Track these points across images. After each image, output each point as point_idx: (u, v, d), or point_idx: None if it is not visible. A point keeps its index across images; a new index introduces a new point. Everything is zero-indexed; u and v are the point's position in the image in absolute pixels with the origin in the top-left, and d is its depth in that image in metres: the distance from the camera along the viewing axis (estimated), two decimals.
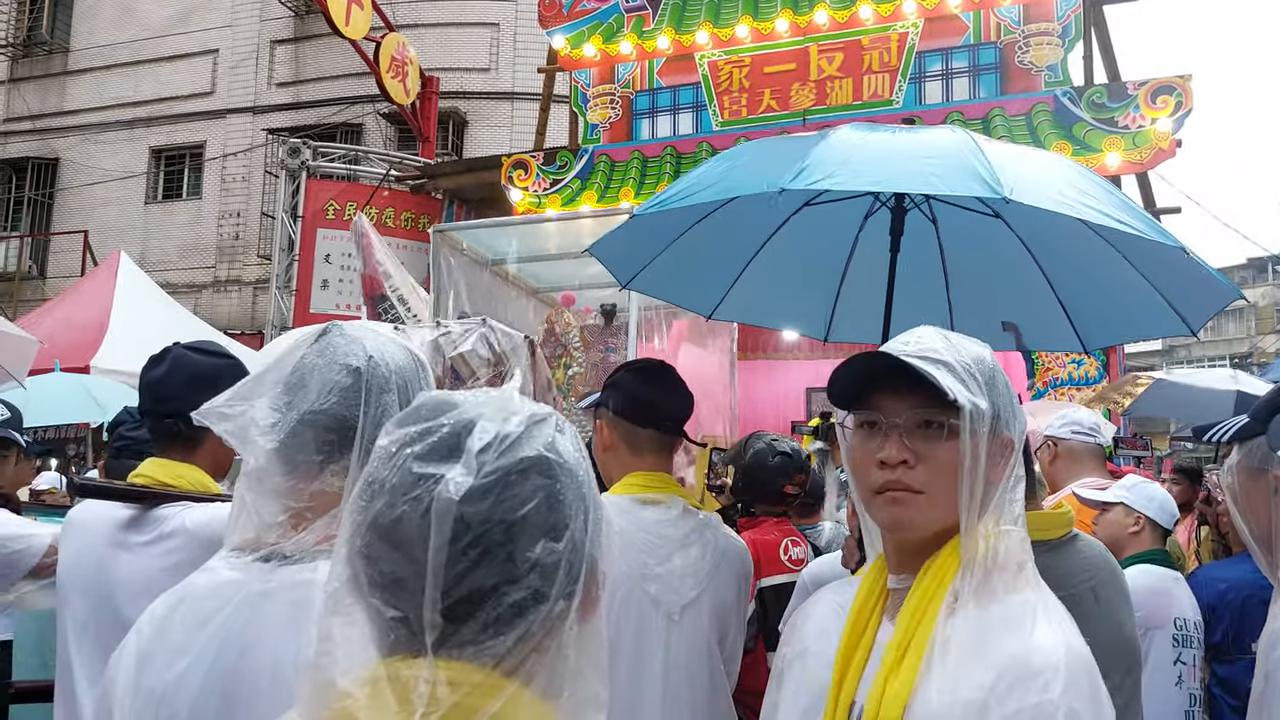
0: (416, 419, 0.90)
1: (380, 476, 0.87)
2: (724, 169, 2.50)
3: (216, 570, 1.36)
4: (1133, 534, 3.39)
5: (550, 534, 0.86)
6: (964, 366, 1.36)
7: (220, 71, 17.74)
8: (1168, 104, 7.45)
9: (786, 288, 3.35)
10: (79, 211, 18.11)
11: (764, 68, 9.13)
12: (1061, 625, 1.24)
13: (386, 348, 1.46)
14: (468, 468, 0.84)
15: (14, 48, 18.96)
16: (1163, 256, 2.45)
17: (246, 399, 1.40)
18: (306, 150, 12.35)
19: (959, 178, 2.11)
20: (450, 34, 16.29)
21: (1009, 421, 1.37)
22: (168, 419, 2.17)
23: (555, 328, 6.48)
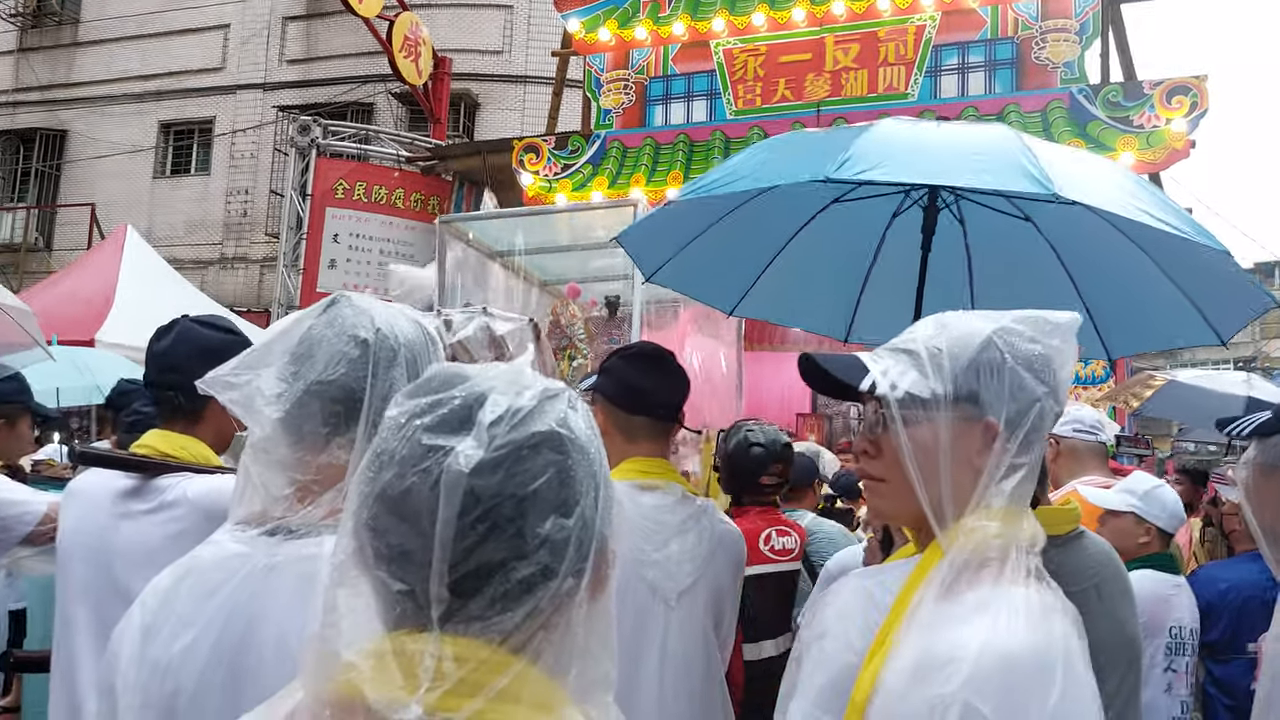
0: (427, 390, 0.88)
1: (389, 448, 0.86)
2: (763, 158, 2.48)
3: (222, 543, 1.34)
4: (1143, 544, 3.36)
5: (560, 510, 0.85)
6: (932, 353, 1.33)
7: (231, 46, 17.69)
8: (1183, 104, 7.41)
9: (809, 287, 3.34)
10: (86, 184, 18.09)
11: (779, 57, 9.09)
12: (996, 625, 1.18)
13: (396, 320, 1.45)
14: (478, 440, 0.83)
15: (23, 18, 18.91)
16: (1197, 262, 2.42)
17: (253, 368, 1.38)
18: (317, 128, 12.32)
19: (1007, 173, 2.09)
20: (463, 15, 16.23)
21: (993, 406, 1.30)
22: (171, 391, 2.18)
23: (560, 320, 6.47)
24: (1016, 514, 1.29)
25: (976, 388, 1.31)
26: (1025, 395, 1.31)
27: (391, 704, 0.78)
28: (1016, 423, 1.30)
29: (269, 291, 14.99)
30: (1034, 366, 1.32)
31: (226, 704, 1.24)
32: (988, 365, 1.31)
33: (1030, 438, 1.30)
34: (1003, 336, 1.33)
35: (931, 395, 1.30)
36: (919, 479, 1.30)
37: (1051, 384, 1.33)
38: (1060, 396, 1.35)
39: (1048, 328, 1.35)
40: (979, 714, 1.13)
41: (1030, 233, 2.81)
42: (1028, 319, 1.36)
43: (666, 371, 2.50)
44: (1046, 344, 1.34)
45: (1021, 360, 1.32)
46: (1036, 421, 1.31)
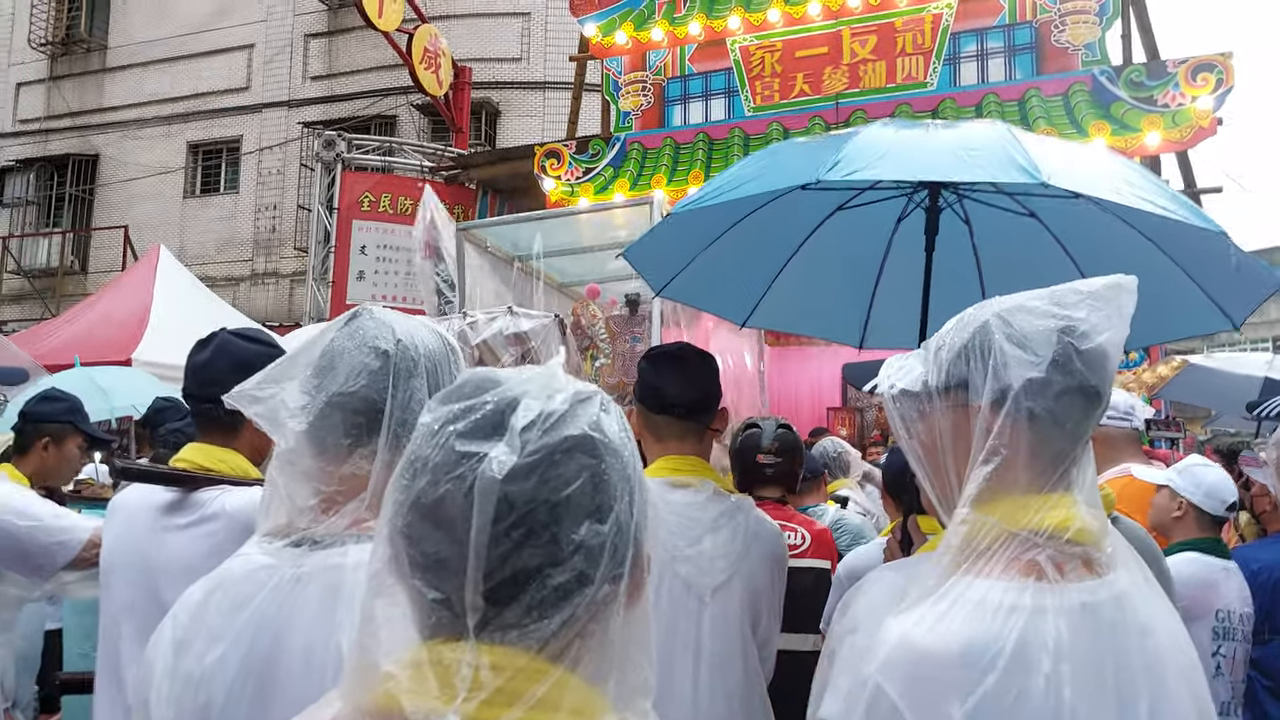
0: (459, 396, 0.88)
1: (422, 454, 0.86)
2: (757, 167, 2.51)
3: (250, 556, 1.37)
4: (1175, 519, 3.33)
5: (595, 515, 0.84)
6: (937, 346, 1.32)
7: (255, 66, 17.90)
8: (1208, 82, 7.31)
9: (820, 295, 3.35)
10: (119, 207, 18.36)
11: (796, 52, 9.08)
12: (926, 615, 1.17)
13: (416, 331, 1.46)
14: (511, 446, 0.83)
15: (53, 46, 19.22)
16: (1203, 247, 2.41)
17: (277, 381, 1.40)
18: (341, 143, 12.43)
19: (996, 165, 2.11)
20: (482, 24, 16.32)
21: (979, 389, 1.26)
22: (209, 403, 2.17)
23: (581, 320, 6.50)
24: (1014, 501, 1.22)
25: (966, 373, 1.27)
26: (1011, 372, 1.24)
27: (429, 714, 0.79)
28: (1000, 401, 1.24)
29: (299, 305, 15.14)
30: (1031, 342, 1.25)
31: (255, 715, 1.27)
32: (976, 348, 1.27)
33: (1020, 416, 1.23)
34: (1005, 316, 1.28)
35: (924, 388, 1.30)
36: (927, 473, 1.30)
37: (1059, 356, 1.24)
38: (1085, 367, 1.24)
39: (1073, 299, 1.28)
40: (887, 698, 1.15)
41: (1036, 229, 2.82)
42: (1055, 293, 1.30)
43: (683, 369, 2.49)
44: (1065, 315, 1.26)
45: (1016, 338, 1.25)
46: (1029, 397, 1.23)
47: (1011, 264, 3.01)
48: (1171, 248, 2.60)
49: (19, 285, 18.32)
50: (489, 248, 6.76)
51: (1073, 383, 1.24)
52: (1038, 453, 1.23)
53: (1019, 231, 2.85)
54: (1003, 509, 1.21)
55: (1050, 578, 1.18)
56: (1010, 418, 1.22)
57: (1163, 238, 2.56)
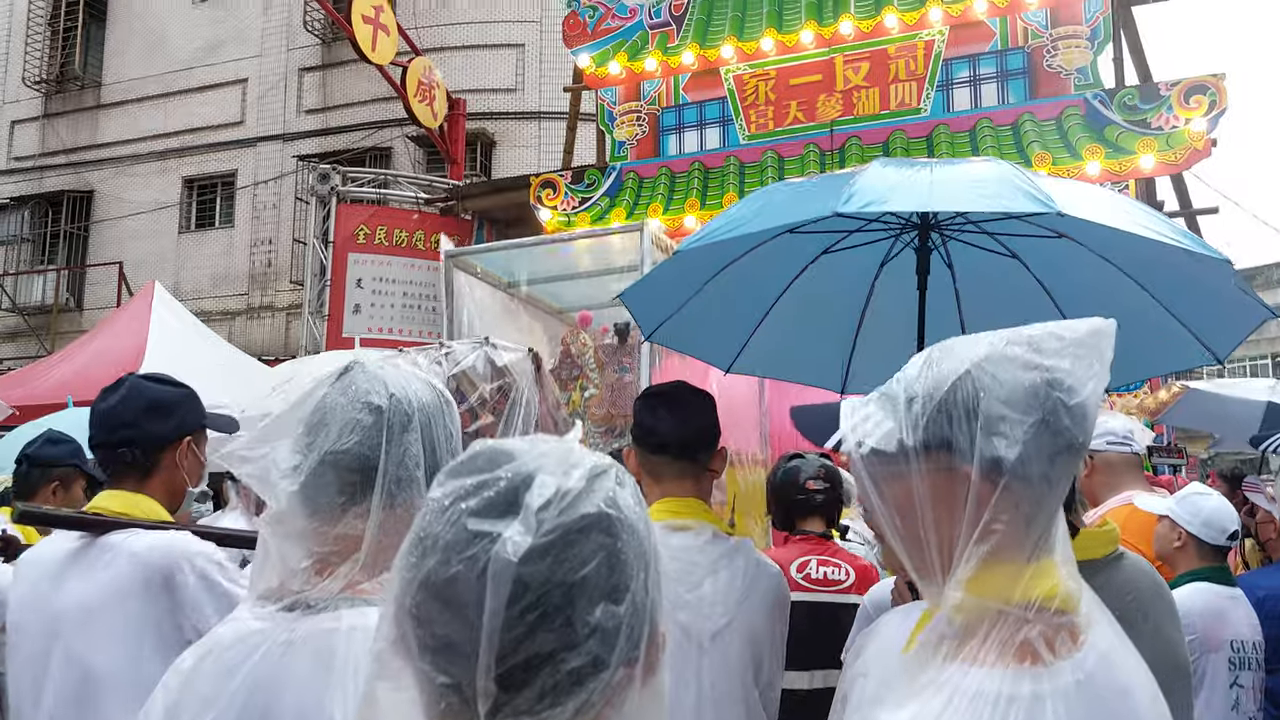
0: (471, 470, 0.85)
1: (433, 532, 0.82)
2: (761, 204, 2.50)
3: (242, 620, 1.34)
4: (1177, 549, 3.30)
5: (611, 596, 0.81)
6: (909, 397, 1.18)
7: (250, 101, 17.96)
8: (1201, 104, 7.34)
9: (802, 340, 3.35)
10: (114, 243, 18.37)
11: (790, 80, 9.10)
12: (922, 714, 1.09)
13: (410, 384, 1.43)
14: (526, 525, 0.79)
15: (47, 84, 19.29)
16: (1191, 284, 2.44)
17: (268, 441, 1.37)
18: (336, 176, 12.44)
19: (1009, 195, 2.11)
20: (476, 56, 16.40)
21: (965, 452, 1.13)
22: (121, 448, 2.17)
23: (571, 349, 6.46)
24: (1005, 574, 1.12)
25: (949, 433, 1.14)
26: (1002, 436, 1.12)
27: None
28: (994, 472, 1.12)
29: (296, 339, 15.10)
30: (1020, 399, 1.14)
31: None
32: (959, 405, 1.14)
33: (1016, 485, 1.12)
34: (985, 367, 1.16)
35: (899, 447, 1.16)
36: (900, 538, 1.17)
37: (1049, 415, 1.13)
38: (1073, 424, 1.15)
39: (1055, 346, 1.17)
40: None
41: (1019, 270, 2.84)
42: (1034, 339, 1.19)
43: (679, 408, 2.45)
44: (1050, 367, 1.15)
45: (1003, 394, 1.14)
46: (1024, 464, 1.12)
47: (992, 304, 3.01)
48: (1156, 285, 2.61)
49: (14, 323, 18.29)
50: (479, 274, 6.73)
51: (1062, 442, 1.14)
52: (1032, 521, 1.14)
53: (1000, 273, 2.87)
54: (994, 585, 1.11)
55: (1044, 659, 1.10)
56: (1005, 490, 1.11)
57: (1147, 275, 2.57)
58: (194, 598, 1.96)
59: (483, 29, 16.54)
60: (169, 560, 1.98)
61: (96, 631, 1.95)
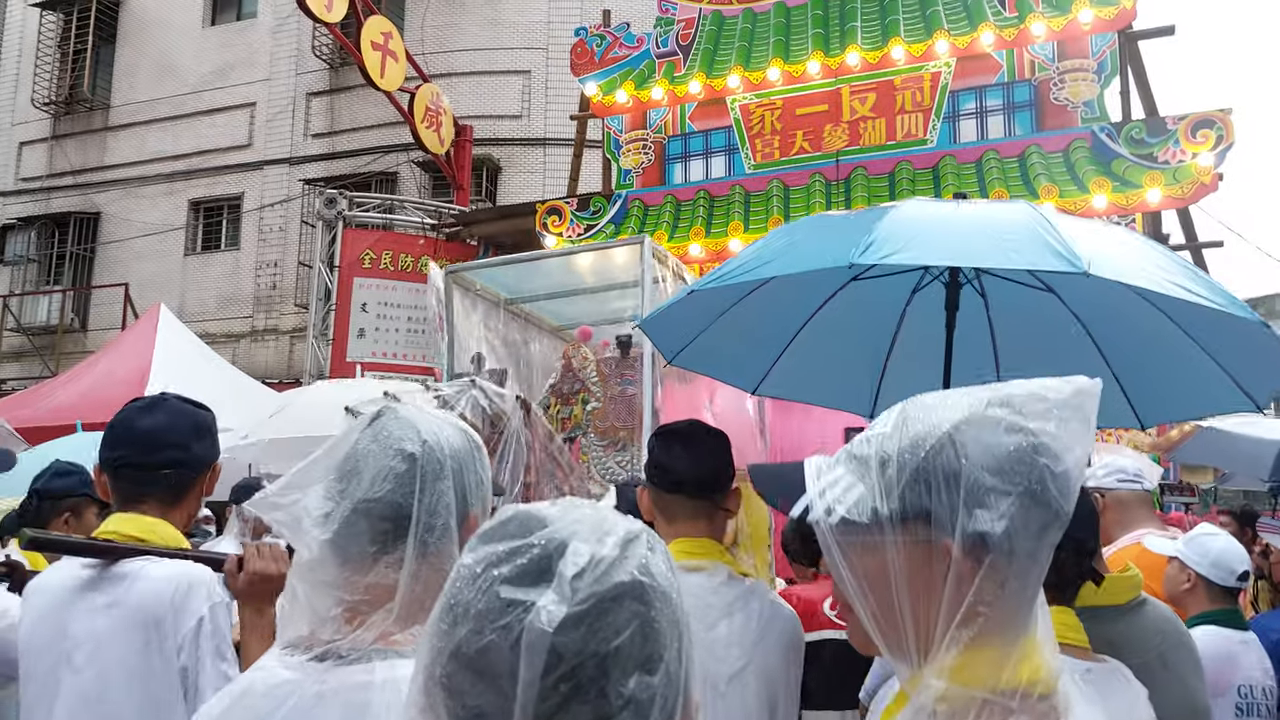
0: (503, 536, 0.83)
1: (464, 600, 0.81)
2: (783, 244, 2.47)
3: (271, 669, 1.32)
4: (1186, 590, 3.25)
5: (645, 666, 0.79)
6: (882, 460, 1.09)
7: (257, 124, 18.04)
8: (1208, 138, 7.36)
9: (831, 365, 3.31)
10: (120, 264, 18.40)
11: (796, 110, 9.14)
12: None
13: (442, 431, 1.42)
14: (560, 594, 0.78)
15: (56, 105, 19.39)
16: (1229, 329, 2.38)
17: (299, 487, 1.35)
18: (343, 200, 12.49)
19: (1035, 252, 2.06)
20: (483, 82, 16.48)
21: (946, 525, 1.03)
22: (165, 469, 2.12)
23: (572, 363, 6.43)
24: (990, 659, 1.04)
25: (927, 503, 1.05)
26: (987, 509, 1.03)
27: None
28: (978, 550, 1.03)
29: (299, 362, 15.10)
30: (1005, 467, 1.05)
31: None
32: (938, 473, 1.05)
33: (1001, 563, 1.03)
34: (965, 431, 1.07)
35: (873, 518, 1.06)
36: (872, 613, 1.07)
37: (1035, 484, 1.04)
38: (1058, 493, 1.05)
39: (1039, 408, 1.08)
40: None
41: (1054, 303, 2.80)
42: (1015, 399, 1.10)
43: (693, 446, 2.42)
44: (1035, 431, 1.07)
45: (987, 461, 1.05)
46: (1011, 540, 1.03)
47: (1027, 338, 2.99)
48: (1195, 329, 2.56)
49: (19, 343, 18.29)
50: (478, 290, 6.72)
51: (1049, 514, 1.05)
52: (1018, 601, 1.06)
53: (1036, 306, 2.82)
54: (979, 672, 1.03)
55: None
56: (990, 568, 1.03)
57: (1187, 319, 2.52)
58: (190, 642, 1.94)
59: (489, 55, 16.63)
60: (181, 597, 1.96)
61: (108, 662, 1.93)
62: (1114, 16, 7.98)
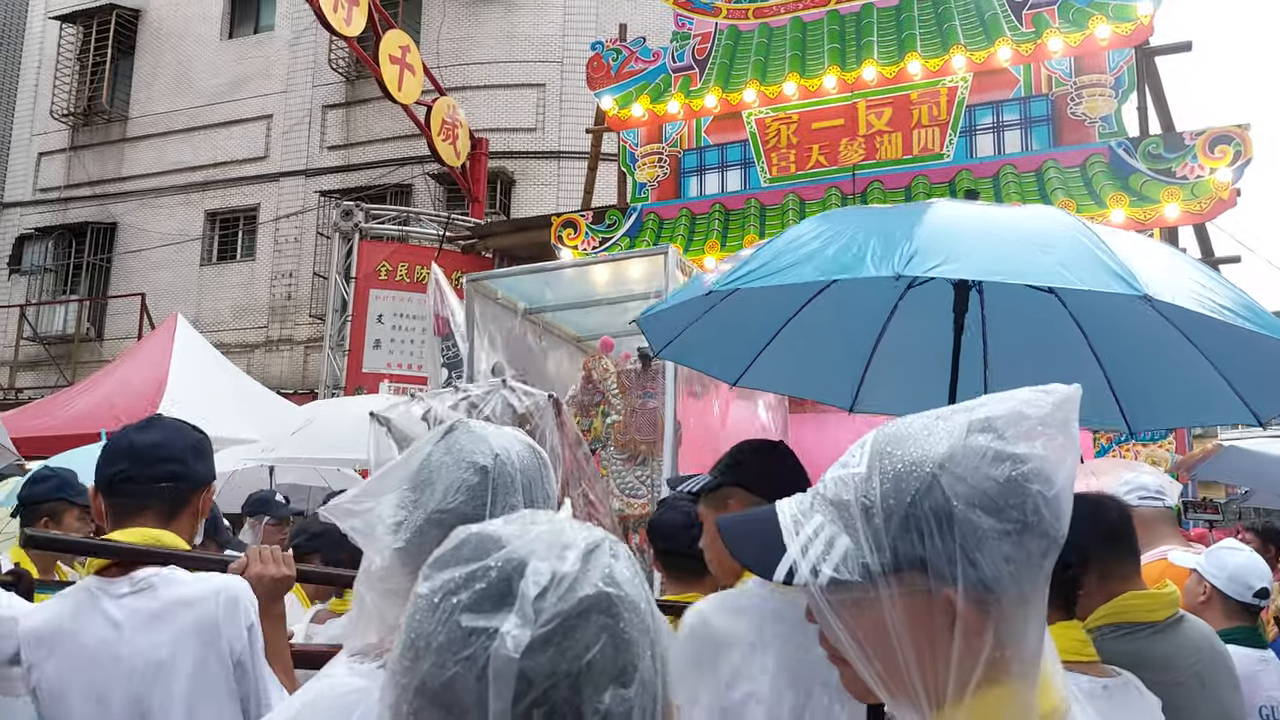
0: (458, 560, 0.80)
1: (425, 632, 0.78)
2: (813, 246, 2.33)
3: (340, 678, 1.33)
4: (1201, 604, 3.23)
5: (619, 679, 0.77)
6: (864, 506, 0.99)
7: (274, 136, 18.15)
8: (1226, 154, 7.34)
9: (815, 357, 3.28)
10: (136, 274, 18.51)
11: (812, 124, 9.15)
12: None
13: (512, 445, 1.44)
14: (523, 617, 0.75)
15: (75, 117, 19.55)
16: (1245, 342, 2.31)
17: (373, 495, 1.38)
18: (359, 212, 12.55)
19: (1091, 271, 2.00)
20: (498, 95, 16.55)
21: (943, 573, 0.95)
22: (163, 482, 2.12)
23: (593, 374, 6.41)
24: (1005, 700, 0.97)
25: (921, 552, 0.96)
26: (986, 552, 0.95)
27: None
28: (983, 599, 0.96)
29: (314, 372, 15.17)
30: (999, 504, 0.96)
31: None
32: (929, 519, 0.96)
33: (1010, 606, 0.96)
34: (950, 468, 0.98)
35: (864, 574, 0.98)
36: (874, 670, 1.00)
37: (1031, 516, 0.97)
38: (1052, 516, 0.98)
39: (1023, 428, 1.00)
40: None
41: (1053, 304, 2.75)
42: (996, 422, 1.01)
43: (798, 464, 2.37)
44: (1023, 455, 0.99)
45: (977, 498, 0.96)
46: (1016, 582, 0.96)
47: (1023, 337, 2.95)
48: (1200, 335, 2.52)
49: (35, 352, 18.41)
50: (499, 299, 6.74)
51: (1046, 542, 0.98)
52: (1027, 639, 0.99)
53: (1034, 305, 2.77)
54: (1000, 714, 0.97)
55: None
56: (1000, 614, 0.96)
57: (1192, 325, 2.46)
58: (242, 652, 1.94)
59: (504, 69, 16.71)
60: (229, 607, 1.96)
61: (184, 685, 1.90)
62: (1131, 32, 7.98)
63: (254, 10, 19.18)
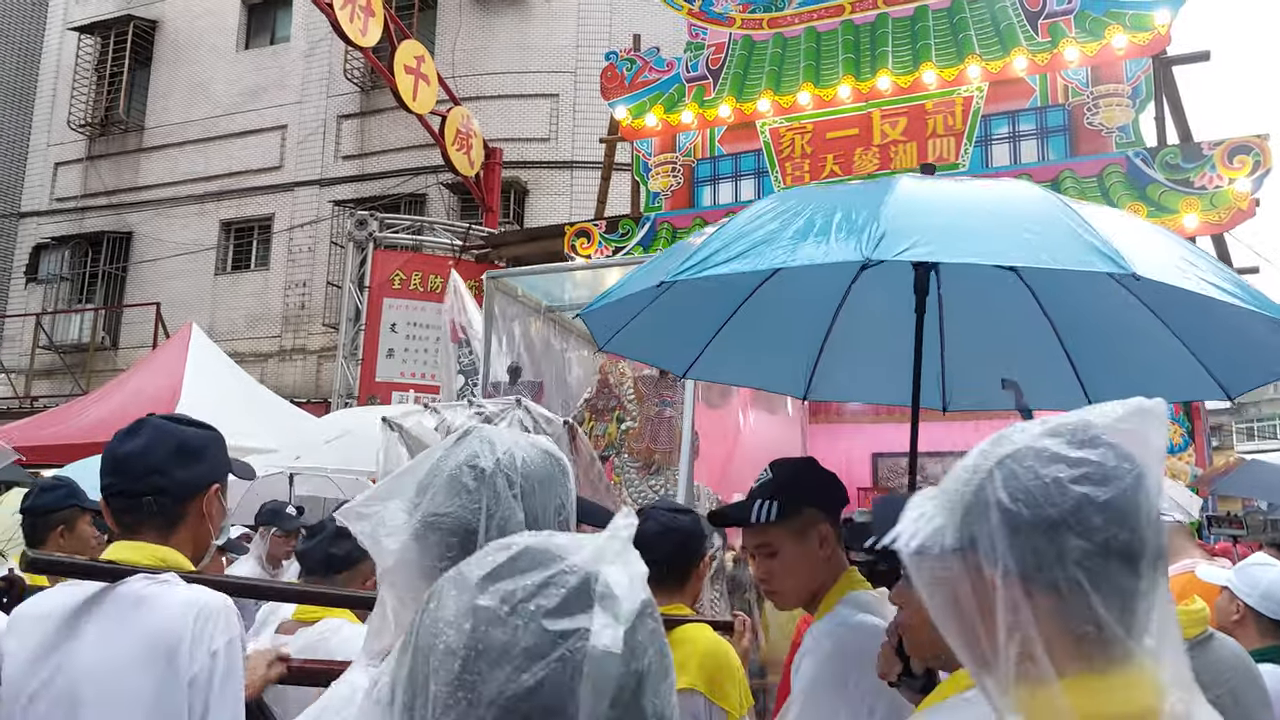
0: (517, 571, 0.80)
1: (497, 642, 0.76)
2: (772, 228, 2.16)
3: (356, 682, 1.31)
4: (1235, 622, 3.17)
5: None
6: (954, 493, 1.12)
7: (289, 146, 18.23)
8: (1245, 164, 7.28)
9: (766, 345, 3.15)
10: (151, 283, 18.59)
11: (826, 133, 9.12)
12: None
13: (522, 451, 1.39)
14: (612, 615, 0.77)
15: (91, 127, 19.67)
16: (1211, 318, 2.26)
17: (384, 499, 1.36)
18: (373, 222, 12.57)
19: (1074, 251, 1.89)
20: (512, 105, 16.60)
21: (989, 557, 1.05)
22: (148, 496, 2.00)
23: (609, 379, 6.36)
24: (1078, 688, 1.01)
25: (975, 534, 1.08)
26: (1013, 539, 1.05)
27: None
28: (1013, 579, 1.05)
29: (327, 382, 15.19)
30: (1038, 499, 1.05)
31: None
32: (980, 507, 1.08)
33: (1041, 595, 1.04)
34: (1008, 464, 1.09)
35: (940, 548, 1.09)
36: (961, 642, 1.09)
37: (1070, 515, 1.04)
38: (1106, 522, 1.04)
39: (1087, 435, 1.08)
40: None
41: (1011, 280, 2.66)
42: (1066, 427, 1.10)
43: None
44: (1080, 459, 1.06)
45: (1022, 493, 1.06)
46: (1040, 572, 1.04)
47: (978, 316, 2.86)
48: (1167, 309, 2.45)
49: (50, 361, 18.50)
50: (520, 297, 6.72)
51: (1089, 544, 1.03)
52: (1076, 631, 1.03)
53: (991, 282, 2.67)
54: (1056, 704, 1.01)
55: None
56: (1033, 604, 1.04)
57: (1157, 300, 2.41)
58: (203, 673, 1.82)
59: (518, 79, 16.75)
60: (200, 626, 1.84)
61: (121, 695, 1.80)
62: (1148, 42, 7.94)
63: (270, 21, 19.29)
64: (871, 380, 3.32)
